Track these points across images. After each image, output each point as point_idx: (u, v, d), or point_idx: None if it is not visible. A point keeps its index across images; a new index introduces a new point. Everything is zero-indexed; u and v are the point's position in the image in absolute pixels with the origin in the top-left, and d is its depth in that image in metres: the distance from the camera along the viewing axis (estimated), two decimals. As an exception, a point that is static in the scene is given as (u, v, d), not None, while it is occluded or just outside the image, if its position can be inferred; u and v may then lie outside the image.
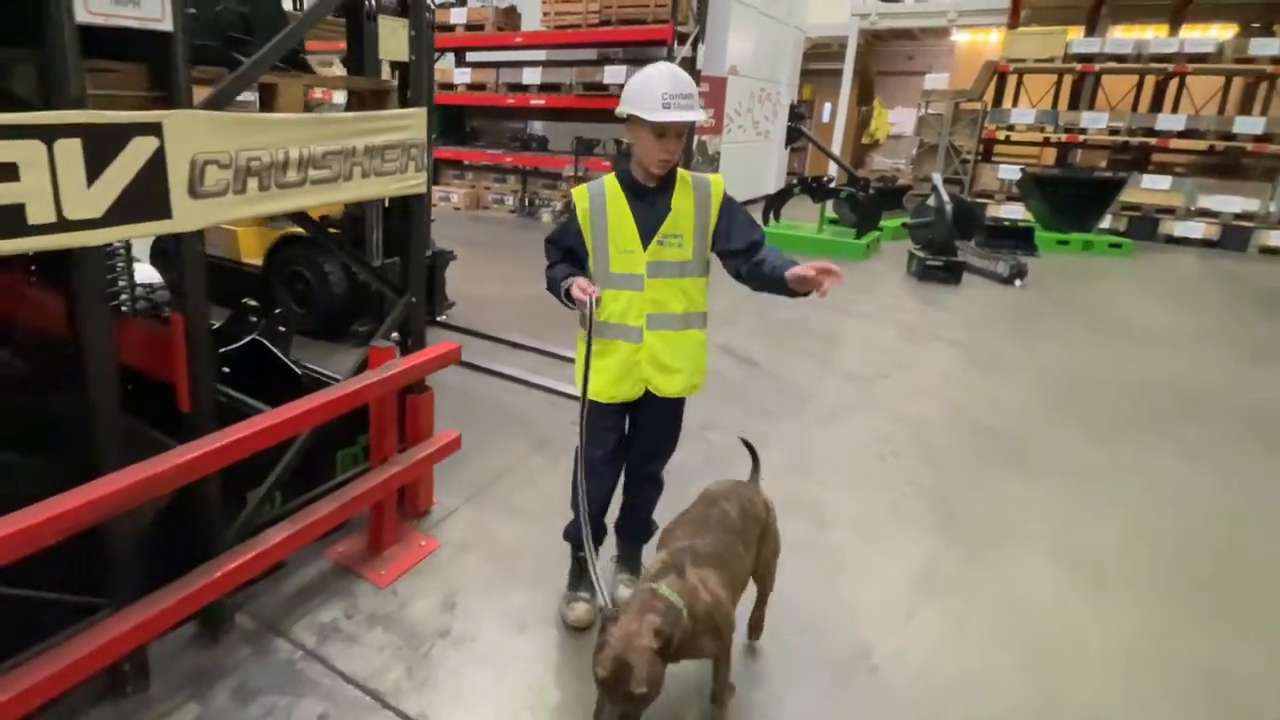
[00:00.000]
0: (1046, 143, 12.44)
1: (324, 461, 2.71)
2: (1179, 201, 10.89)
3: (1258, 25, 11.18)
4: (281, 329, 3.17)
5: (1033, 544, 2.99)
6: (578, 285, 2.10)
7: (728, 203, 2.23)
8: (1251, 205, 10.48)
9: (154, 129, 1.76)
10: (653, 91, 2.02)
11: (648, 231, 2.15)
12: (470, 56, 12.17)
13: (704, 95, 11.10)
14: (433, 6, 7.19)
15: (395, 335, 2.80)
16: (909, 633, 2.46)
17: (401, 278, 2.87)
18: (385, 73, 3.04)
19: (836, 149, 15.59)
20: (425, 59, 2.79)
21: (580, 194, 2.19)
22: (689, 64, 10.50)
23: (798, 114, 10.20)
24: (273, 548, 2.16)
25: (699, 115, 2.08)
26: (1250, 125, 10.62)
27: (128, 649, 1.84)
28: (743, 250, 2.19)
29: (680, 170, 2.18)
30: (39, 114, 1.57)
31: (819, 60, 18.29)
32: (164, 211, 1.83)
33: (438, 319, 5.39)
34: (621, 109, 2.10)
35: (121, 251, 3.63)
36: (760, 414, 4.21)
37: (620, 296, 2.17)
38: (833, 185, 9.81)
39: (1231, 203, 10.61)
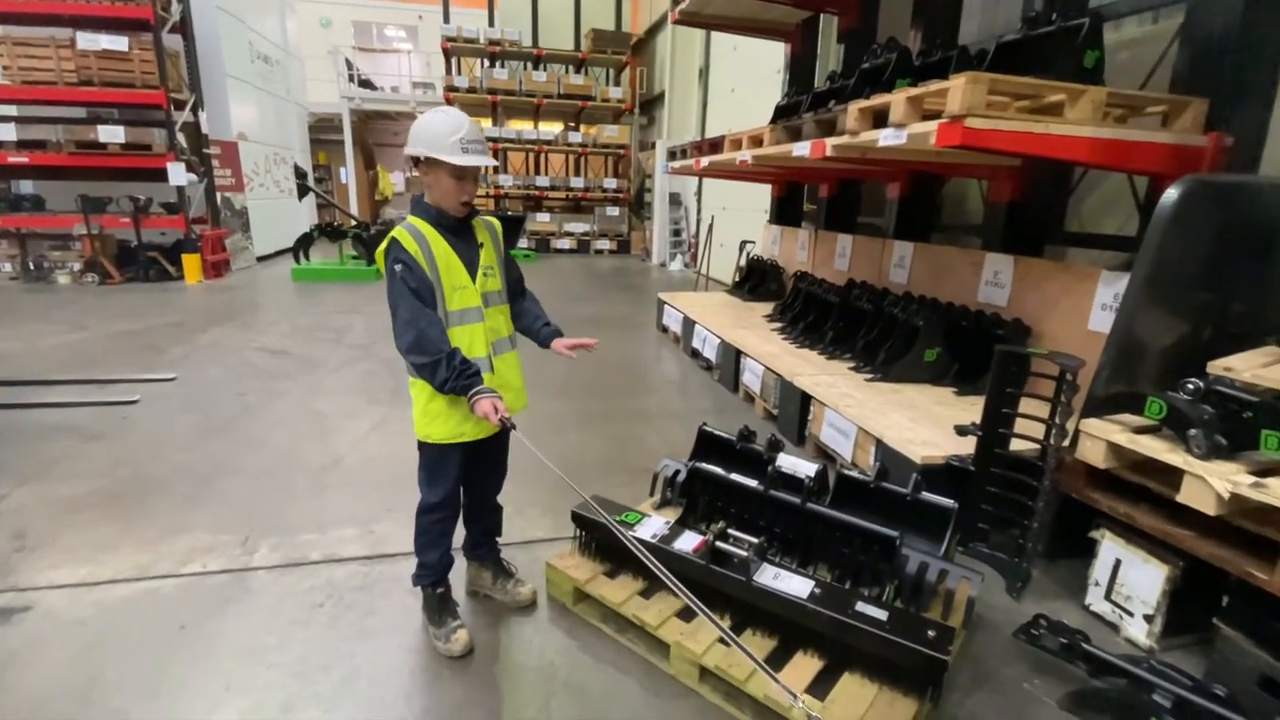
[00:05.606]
0: (487, 195, 13.59)
1: None
2: (555, 228, 13.05)
3: (573, 124, 14.49)
4: None
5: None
6: (492, 404, 1.52)
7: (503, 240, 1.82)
8: (587, 227, 13.23)
9: None
10: (449, 136, 1.53)
11: (471, 266, 1.67)
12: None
13: (216, 157, 9.57)
14: None
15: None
16: (379, 446, 3.35)
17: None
18: None
19: (354, 206, 14.88)
20: None
21: (404, 238, 1.58)
22: (193, 128, 8.99)
23: (301, 173, 9.65)
24: None
25: (492, 160, 1.60)
26: (578, 182, 13.47)
27: None
28: (514, 281, 1.83)
29: None
30: None
31: (327, 132, 16.75)
32: None
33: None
34: (414, 150, 1.58)
35: None
36: (285, 378, 4.52)
37: (465, 331, 1.66)
38: (344, 229, 9.63)
39: (579, 227, 13.12)
